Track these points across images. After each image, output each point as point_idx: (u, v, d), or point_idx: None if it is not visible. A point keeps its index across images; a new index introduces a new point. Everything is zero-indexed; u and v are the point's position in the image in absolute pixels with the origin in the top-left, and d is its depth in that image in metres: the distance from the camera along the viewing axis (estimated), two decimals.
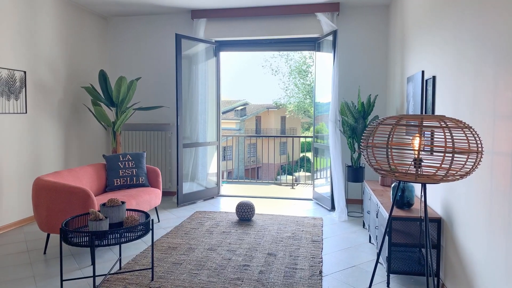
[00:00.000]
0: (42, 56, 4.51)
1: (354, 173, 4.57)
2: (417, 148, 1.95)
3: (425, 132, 2.45)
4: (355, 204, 5.18)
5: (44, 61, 4.55)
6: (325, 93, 5.04)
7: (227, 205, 5.11)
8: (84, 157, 5.31)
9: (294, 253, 3.33)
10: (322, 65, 5.16)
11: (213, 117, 5.67)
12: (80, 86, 5.22)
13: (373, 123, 2.08)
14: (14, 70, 4.11)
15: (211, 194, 5.55)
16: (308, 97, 18.68)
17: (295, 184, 6.75)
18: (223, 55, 5.80)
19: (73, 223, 2.76)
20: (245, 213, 4.26)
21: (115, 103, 5.02)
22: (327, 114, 4.95)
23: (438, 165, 1.92)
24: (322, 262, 3.15)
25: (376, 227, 3.17)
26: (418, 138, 1.97)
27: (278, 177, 16.83)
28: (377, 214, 3.18)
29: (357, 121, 4.49)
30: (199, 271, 2.93)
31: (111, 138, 5.15)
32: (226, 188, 6.23)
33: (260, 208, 4.96)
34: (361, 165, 4.70)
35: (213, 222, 4.25)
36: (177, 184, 5.02)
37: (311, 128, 21.64)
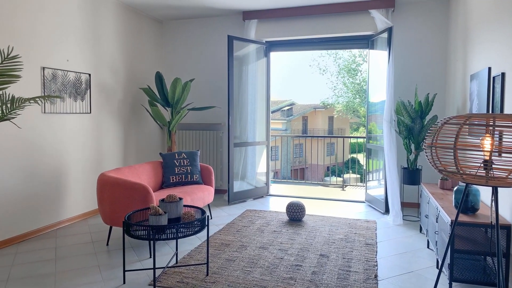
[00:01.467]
0: (104, 60, 4.80)
1: (410, 175, 4.39)
2: (488, 149, 1.83)
3: (494, 133, 2.30)
4: (410, 207, 4.97)
5: (106, 64, 4.84)
6: (379, 92, 4.89)
7: (276, 205, 5.13)
8: (141, 155, 5.58)
9: (347, 255, 3.26)
10: (376, 63, 5.01)
11: (262, 117, 5.71)
12: (138, 87, 5.49)
13: (437, 122, 1.99)
14: (80, 73, 4.41)
15: (260, 193, 5.59)
16: (357, 96, 18.22)
17: (344, 186, 6.61)
18: (273, 55, 5.82)
19: (134, 217, 2.91)
20: (295, 213, 4.24)
21: (171, 104, 5.23)
22: (381, 114, 4.80)
23: (511, 167, 1.79)
24: (377, 266, 3.06)
25: (436, 232, 3.02)
26: (489, 139, 1.85)
27: (325, 178, 16.58)
28: (437, 218, 3.03)
29: (414, 121, 4.30)
30: (252, 268, 2.97)
31: (167, 137, 5.36)
32: (274, 188, 6.25)
33: (310, 209, 4.92)
34: (417, 167, 4.50)
35: (263, 221, 4.28)
36: (228, 183, 5.12)
37: (361, 129, 21.08)
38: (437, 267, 3.06)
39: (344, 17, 5.16)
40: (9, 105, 2.70)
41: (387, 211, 4.65)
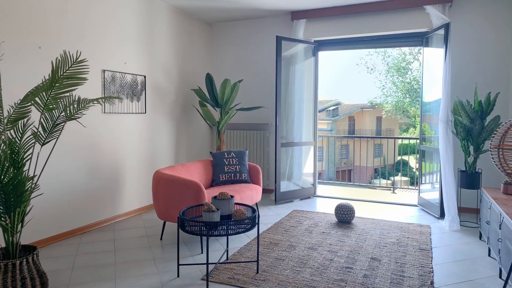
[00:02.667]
0: (158, 62, 5.02)
1: (469, 179, 4.15)
2: None
3: None
4: (468, 213, 4.70)
5: (160, 66, 5.05)
6: (434, 91, 4.67)
7: (324, 206, 5.07)
8: (192, 153, 5.76)
9: (400, 260, 3.16)
10: (431, 61, 4.79)
11: (309, 117, 5.67)
12: (189, 88, 5.68)
13: (505, 123, 1.87)
14: (137, 75, 4.64)
15: (307, 194, 5.56)
16: (407, 96, 17.52)
17: (394, 189, 6.39)
18: (320, 54, 5.76)
19: (188, 213, 3.02)
20: (344, 215, 4.17)
21: (220, 104, 5.35)
22: (435, 114, 4.59)
23: None
24: (432, 272, 2.93)
25: (499, 240, 2.84)
26: None
27: (372, 180, 16.10)
28: (500, 225, 2.84)
29: (473, 122, 4.07)
30: (301, 268, 2.96)
31: (216, 136, 5.49)
32: (320, 189, 6.17)
33: (359, 211, 4.81)
34: (477, 170, 4.25)
35: (311, 222, 4.26)
36: (275, 182, 5.14)
37: (411, 129, 20.23)
38: (500, 277, 2.87)
39: (396, 14, 4.99)
40: (75, 106, 2.91)
41: (442, 215, 4.43)
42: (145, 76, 4.77)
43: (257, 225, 2.84)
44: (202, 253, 3.34)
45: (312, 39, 5.54)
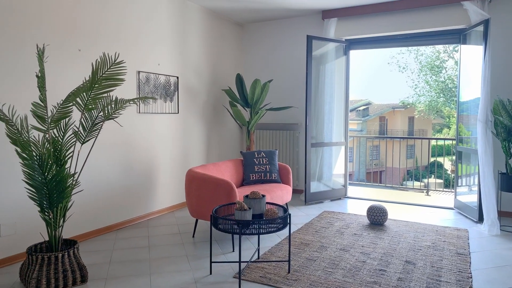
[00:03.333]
0: (190, 63, 5.11)
1: (510, 182, 3.96)
2: None
3: None
4: (509, 217, 4.49)
5: (192, 67, 5.15)
6: (472, 90, 4.49)
7: (355, 207, 4.99)
8: (222, 153, 5.83)
9: (436, 264, 3.06)
10: (469, 58, 4.61)
11: (340, 117, 5.60)
12: (220, 89, 5.75)
13: None
14: (170, 76, 4.75)
15: (337, 195, 5.49)
16: (442, 95, 16.93)
17: (427, 191, 6.19)
18: (352, 53, 5.68)
19: (220, 211, 3.06)
20: (377, 217, 4.09)
21: (250, 104, 5.38)
22: (473, 114, 4.41)
23: None
24: (471, 278, 2.82)
25: None
26: None
27: (404, 182, 15.68)
28: None
29: None
30: (333, 269, 2.93)
31: (245, 136, 5.53)
32: (350, 190, 6.08)
33: (392, 213, 4.70)
34: None
35: (342, 223, 4.20)
36: (305, 183, 5.11)
37: (445, 130, 19.53)
38: None
39: (431, 11, 4.84)
40: (113, 106, 3.01)
41: (480, 219, 4.26)
42: (177, 77, 4.87)
43: (288, 225, 2.83)
44: (233, 251, 3.37)
45: (343, 38, 5.47)
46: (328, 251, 3.32)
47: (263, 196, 2.98)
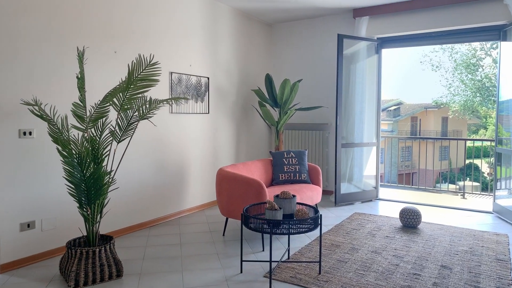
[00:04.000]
0: (220, 64, 5.17)
1: None
2: None
3: None
4: None
5: (222, 67, 5.20)
6: None
7: (386, 209, 4.88)
8: (251, 152, 5.86)
9: (474, 269, 2.94)
10: (509, 56, 4.40)
11: (371, 117, 5.49)
12: (249, 89, 5.78)
13: None
14: (201, 76, 4.82)
15: (368, 196, 5.39)
16: (478, 95, 16.25)
17: (463, 193, 5.96)
18: (384, 52, 5.55)
19: (250, 210, 3.07)
20: (410, 220, 3.98)
21: (279, 104, 5.38)
22: None
23: None
24: None
25: None
26: None
27: (437, 184, 15.17)
28: None
29: None
30: (365, 272, 2.88)
31: (274, 136, 5.53)
32: (381, 192, 5.95)
33: (425, 216, 4.56)
34: None
35: (374, 225, 4.12)
36: (335, 184, 5.05)
37: (481, 131, 18.72)
38: None
39: (468, 6, 4.66)
40: (147, 106, 3.09)
41: None
42: (208, 78, 4.94)
43: (319, 226, 2.81)
44: (263, 250, 3.38)
45: (375, 36, 5.37)
46: (360, 253, 3.27)
47: (294, 196, 2.97)
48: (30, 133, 3.07)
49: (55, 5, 3.19)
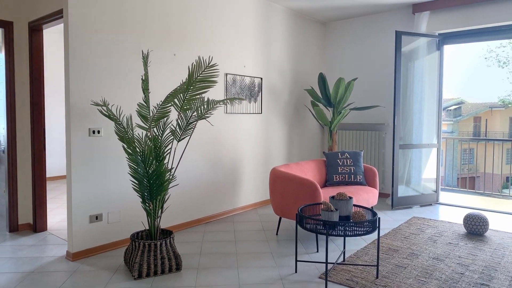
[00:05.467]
0: (273, 63, 5.20)
1: None
2: None
3: None
4: None
5: (275, 67, 5.23)
6: None
7: (448, 215, 4.61)
8: (303, 153, 5.82)
9: None
10: None
11: (431, 117, 5.21)
12: (302, 88, 5.75)
13: None
14: (254, 77, 4.88)
15: (427, 200, 5.12)
16: None
17: None
18: (446, 48, 5.25)
19: (305, 210, 3.06)
20: (476, 227, 3.73)
21: (333, 104, 5.29)
22: None
23: None
24: None
25: None
26: None
27: (505, 190, 14.04)
28: None
29: None
30: (426, 279, 2.75)
31: (328, 136, 5.45)
32: (442, 196, 5.63)
33: (493, 223, 4.25)
34: None
35: (435, 230, 3.91)
36: (392, 186, 4.86)
37: None
38: None
39: None
40: (205, 106, 3.19)
41: None
42: (261, 78, 4.99)
43: (377, 229, 2.73)
44: (317, 251, 3.35)
45: (436, 32, 5.09)
46: (420, 259, 3.12)
47: (350, 197, 2.91)
48: (98, 132, 3.30)
49: (120, 13, 3.41)
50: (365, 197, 3.94)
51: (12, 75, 3.86)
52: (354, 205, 3.08)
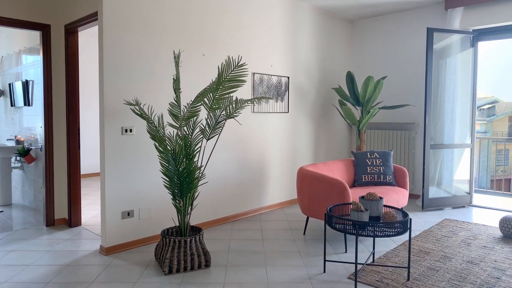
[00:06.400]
0: (300, 62, 5.17)
1: None
2: None
3: None
4: None
5: (302, 66, 5.20)
6: None
7: (482, 217, 4.45)
8: (330, 152, 5.77)
9: None
10: None
11: (464, 116, 5.04)
12: (329, 87, 5.69)
13: None
14: (281, 76, 4.88)
15: (460, 202, 4.96)
16: None
17: None
18: (480, 45, 5.06)
19: (333, 210, 3.03)
20: None
21: (361, 103, 5.21)
22: None
23: None
24: None
25: None
26: None
27: None
28: None
29: None
30: (460, 283, 2.67)
31: (356, 136, 5.38)
32: (475, 198, 5.43)
33: None
34: None
35: (468, 233, 3.79)
36: (423, 187, 4.74)
37: None
38: None
39: None
40: (233, 105, 3.22)
41: None
42: (288, 77, 4.98)
43: (408, 230, 2.67)
44: (345, 252, 3.31)
45: (471, 28, 4.92)
46: (453, 263, 3.03)
47: (381, 198, 2.86)
48: (130, 130, 3.40)
49: (151, 16, 3.49)
50: (395, 197, 3.86)
51: (49, 77, 4.03)
52: (385, 206, 3.03)
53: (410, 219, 2.65)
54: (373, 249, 3.07)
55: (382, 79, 5.09)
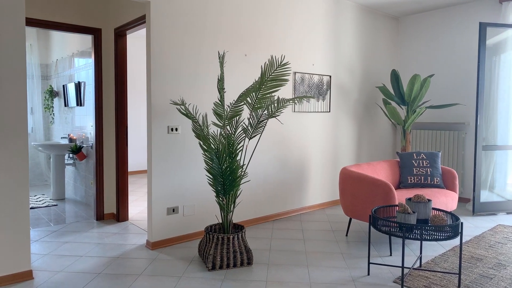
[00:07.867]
0: (343, 61, 5.08)
1: None
2: None
3: None
4: None
5: (344, 65, 5.11)
6: None
7: None
8: (373, 152, 5.62)
9: None
10: None
11: None
12: (372, 86, 5.55)
13: None
14: (323, 75, 4.81)
15: None
16: None
17: None
18: None
19: (378, 212, 2.95)
20: None
21: (406, 102, 5.03)
22: None
23: None
24: None
25: None
26: None
27: None
28: None
29: None
30: None
31: (401, 136, 5.20)
32: None
33: None
34: None
35: None
36: (473, 191, 4.50)
37: None
38: None
39: None
40: (275, 105, 3.22)
41: None
42: (330, 76, 4.91)
43: (460, 235, 2.55)
44: (390, 255, 3.22)
45: None
46: (508, 271, 2.85)
47: (429, 200, 2.75)
48: (176, 129, 3.50)
49: (196, 17, 3.57)
50: (443, 201, 3.69)
51: (100, 78, 4.24)
52: (433, 209, 2.91)
53: (462, 223, 2.52)
54: (421, 253, 2.95)
55: (429, 77, 4.89)
